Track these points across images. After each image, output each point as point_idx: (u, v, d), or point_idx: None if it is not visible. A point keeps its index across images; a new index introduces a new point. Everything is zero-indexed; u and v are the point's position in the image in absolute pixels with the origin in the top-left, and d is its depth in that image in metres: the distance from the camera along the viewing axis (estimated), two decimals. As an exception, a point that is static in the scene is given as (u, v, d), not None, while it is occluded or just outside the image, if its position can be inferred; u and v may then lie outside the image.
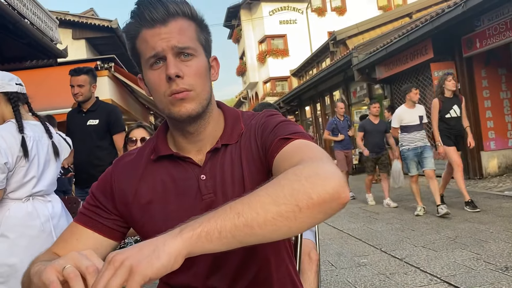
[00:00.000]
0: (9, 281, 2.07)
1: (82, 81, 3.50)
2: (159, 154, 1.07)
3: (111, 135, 3.57)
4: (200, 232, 0.69)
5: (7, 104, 2.23)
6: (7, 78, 2.26)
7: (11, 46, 6.17)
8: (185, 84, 0.96)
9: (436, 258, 3.91)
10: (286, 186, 0.73)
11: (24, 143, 2.14)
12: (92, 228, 1.05)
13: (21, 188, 2.18)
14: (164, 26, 0.96)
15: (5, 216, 2.14)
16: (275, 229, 0.71)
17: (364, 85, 13.57)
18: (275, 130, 1.01)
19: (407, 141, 6.10)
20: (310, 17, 26.47)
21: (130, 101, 10.96)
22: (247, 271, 1.05)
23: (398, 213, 6.35)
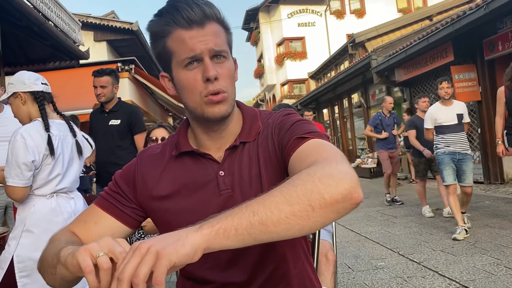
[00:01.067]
0: (33, 274, 2.13)
1: (105, 82, 3.57)
2: (180, 150, 1.10)
3: (132, 135, 3.64)
4: (218, 228, 0.72)
5: (33, 103, 2.30)
6: (33, 78, 2.33)
7: (36, 48, 6.32)
8: (221, 85, 1.00)
9: (455, 263, 3.87)
10: (299, 186, 0.76)
11: (50, 142, 2.20)
12: (110, 213, 1.09)
13: (46, 185, 2.24)
14: (201, 29, 0.98)
15: (30, 212, 2.20)
16: (288, 228, 0.74)
17: (383, 88, 13.47)
18: (291, 129, 1.04)
19: (443, 143, 5.06)
20: (329, 19, 26.38)
21: (149, 103, 11.10)
22: (264, 267, 1.07)
23: (416, 216, 6.28)
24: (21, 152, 2.12)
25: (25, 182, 2.14)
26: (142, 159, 1.15)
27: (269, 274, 1.08)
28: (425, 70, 10.03)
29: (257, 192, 0.92)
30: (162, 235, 0.73)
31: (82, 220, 1.10)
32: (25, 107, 2.30)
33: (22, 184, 2.14)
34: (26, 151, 2.12)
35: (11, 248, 2.18)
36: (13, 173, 2.12)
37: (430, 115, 5.17)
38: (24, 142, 2.13)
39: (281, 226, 0.74)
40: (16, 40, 6.14)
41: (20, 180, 2.13)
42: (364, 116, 15.47)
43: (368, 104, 14.93)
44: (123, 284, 0.66)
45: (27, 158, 2.11)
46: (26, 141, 2.13)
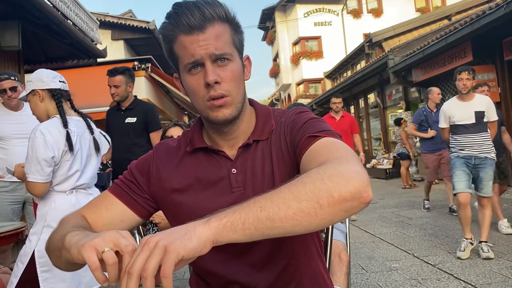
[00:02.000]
0: (54, 269, 2.16)
1: (118, 81, 3.62)
2: (194, 146, 1.12)
3: (148, 133, 3.68)
4: (225, 222, 0.74)
5: (51, 101, 2.34)
6: (51, 75, 2.37)
7: (55, 46, 6.41)
8: (222, 90, 1.00)
9: (471, 266, 3.82)
10: (308, 184, 0.76)
11: (69, 138, 2.24)
12: (122, 200, 1.11)
13: (66, 181, 2.28)
14: (201, 33, 0.98)
15: (51, 208, 2.24)
16: (296, 224, 0.75)
17: (400, 88, 13.34)
18: (303, 127, 1.04)
19: (457, 145, 4.34)
20: (346, 19, 26.21)
21: (165, 101, 11.18)
22: (275, 264, 1.08)
23: (432, 218, 6.21)
24: (40, 148, 2.15)
25: (45, 178, 2.18)
26: (159, 152, 1.17)
27: (280, 272, 1.08)
28: (443, 71, 9.90)
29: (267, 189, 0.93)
30: (170, 229, 0.74)
31: (94, 205, 1.12)
32: (43, 104, 2.34)
33: (43, 180, 2.18)
34: (45, 147, 2.16)
35: (32, 243, 2.22)
36: (33, 169, 2.16)
37: (444, 112, 4.45)
38: (43, 138, 2.16)
39: (288, 222, 0.74)
40: (36, 39, 6.24)
41: (40, 176, 2.17)
42: (380, 117, 15.34)
43: (385, 105, 14.80)
44: (132, 278, 0.68)
45: (47, 154, 2.15)
46: (46, 138, 2.17)
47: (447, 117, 4.41)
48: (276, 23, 28.44)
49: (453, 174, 4.34)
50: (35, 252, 2.19)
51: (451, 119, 4.36)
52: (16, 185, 3.41)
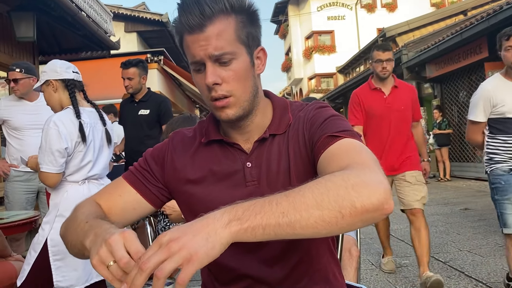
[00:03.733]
0: (66, 258, 2.20)
1: (131, 73, 3.64)
2: (209, 138, 1.10)
3: (160, 125, 3.69)
4: (247, 227, 0.73)
5: (64, 91, 2.36)
6: (65, 66, 2.40)
7: (69, 38, 6.45)
8: (223, 91, 0.98)
9: (483, 264, 3.79)
10: (331, 191, 0.75)
11: (82, 129, 2.26)
12: (136, 188, 1.11)
13: (78, 172, 2.31)
14: (201, 32, 0.95)
15: (64, 197, 2.27)
16: (315, 232, 0.74)
17: (413, 84, 13.20)
18: (323, 125, 1.01)
19: (504, 151, 2.85)
20: (359, 13, 26.00)
21: (177, 94, 11.22)
22: (288, 260, 1.07)
23: (443, 215, 6.16)
24: (54, 139, 2.18)
25: (58, 168, 2.21)
26: (174, 141, 1.16)
27: (293, 267, 1.07)
28: (457, 67, 9.79)
29: (284, 186, 0.91)
30: (189, 228, 0.73)
31: (108, 192, 1.12)
32: (56, 95, 2.36)
33: (56, 170, 2.20)
34: (59, 138, 2.18)
35: (45, 232, 2.25)
36: (46, 160, 2.18)
37: (485, 97, 2.81)
38: (57, 129, 2.19)
39: (308, 230, 0.74)
40: (50, 30, 6.29)
41: (53, 167, 2.19)
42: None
43: (397, 100, 14.66)
44: (143, 274, 0.68)
45: (60, 145, 2.18)
46: (59, 129, 2.19)
47: (489, 105, 2.81)
48: (289, 16, 28.32)
49: (502, 202, 2.87)
50: (48, 240, 2.22)
51: (495, 108, 2.80)
52: (30, 174, 3.46)
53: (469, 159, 10.40)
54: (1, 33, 5.43)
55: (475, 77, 9.71)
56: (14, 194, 3.50)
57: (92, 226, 0.89)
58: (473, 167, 10.15)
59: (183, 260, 0.68)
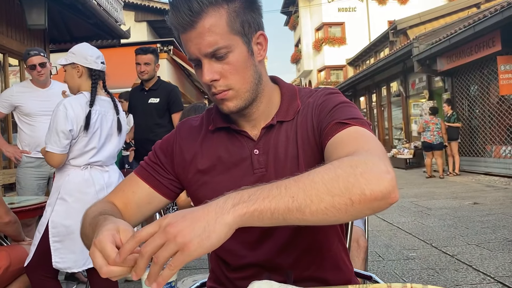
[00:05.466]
0: (65, 241, 2.25)
1: (149, 59, 3.65)
2: (216, 126, 1.10)
3: (170, 114, 3.70)
4: (253, 211, 0.71)
5: (88, 79, 2.38)
6: (95, 55, 2.40)
7: (79, 26, 6.47)
8: (222, 86, 0.98)
9: (491, 258, 3.77)
10: (341, 177, 0.74)
11: (89, 116, 2.28)
12: (149, 183, 1.11)
13: (81, 157, 2.34)
14: (193, 29, 0.94)
15: (65, 180, 2.31)
16: (324, 218, 0.74)
17: (424, 77, 13.10)
18: (332, 111, 1.00)
19: None
20: (370, 5, 25.72)
21: (186, 84, 11.23)
22: (296, 247, 1.07)
23: (452, 209, 6.14)
24: (61, 120, 2.22)
25: (62, 149, 2.25)
26: (181, 131, 1.16)
27: (300, 252, 1.07)
28: (469, 60, 9.67)
29: (292, 173, 0.89)
30: (190, 213, 0.72)
31: (121, 190, 1.12)
32: (78, 80, 2.38)
33: (59, 151, 2.24)
34: (65, 120, 2.22)
35: (47, 214, 2.30)
36: (52, 140, 2.23)
37: None
38: (65, 111, 2.23)
39: (317, 216, 0.73)
40: (61, 18, 6.31)
41: (57, 147, 2.23)
42: (402, 106, 15.12)
43: (408, 93, 14.57)
44: (143, 259, 0.69)
45: (65, 126, 2.22)
46: (67, 111, 2.23)
47: None
48: (299, 8, 28.11)
49: None
50: (49, 222, 2.27)
51: None
52: (41, 161, 3.49)
53: (478, 153, 10.31)
54: (13, 20, 5.46)
55: (487, 71, 9.60)
56: (25, 180, 3.54)
57: (92, 225, 0.92)
58: (483, 162, 10.07)
59: (178, 248, 0.68)
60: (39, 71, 3.44)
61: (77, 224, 2.25)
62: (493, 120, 9.68)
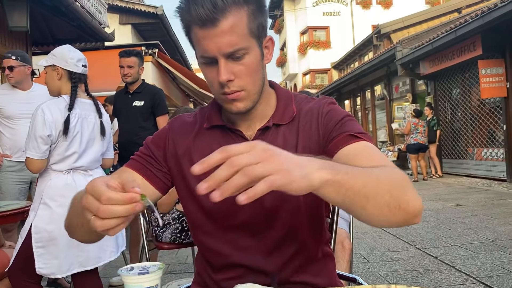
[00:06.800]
0: (49, 246, 2.22)
1: (132, 62, 3.62)
2: (211, 124, 1.10)
3: (154, 117, 3.68)
4: (338, 180, 0.72)
5: (68, 82, 2.35)
6: (76, 58, 2.37)
7: (62, 29, 6.40)
8: (235, 86, 0.97)
9: (473, 259, 3.83)
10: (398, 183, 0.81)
11: (68, 121, 2.25)
12: (142, 174, 1.08)
13: (63, 161, 2.30)
14: (214, 27, 0.91)
15: (47, 185, 2.28)
16: (373, 213, 0.78)
17: (407, 81, 13.26)
18: (342, 123, 1.03)
19: None
20: (355, 9, 26.00)
21: (171, 87, 11.17)
22: (284, 249, 1.07)
23: (435, 211, 6.21)
24: (39, 125, 2.19)
25: (41, 155, 2.21)
26: (174, 126, 1.15)
27: (289, 258, 1.07)
28: (451, 64, 9.83)
29: None
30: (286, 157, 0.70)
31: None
32: (58, 82, 2.35)
33: (38, 156, 2.21)
34: (43, 125, 2.19)
35: (30, 219, 2.27)
36: (30, 146, 2.20)
37: None
38: (43, 116, 2.20)
39: (372, 210, 0.77)
40: (44, 20, 6.23)
41: (36, 153, 2.20)
42: (386, 109, 15.27)
43: (391, 97, 14.73)
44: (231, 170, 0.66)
45: (43, 131, 2.18)
46: (45, 116, 2.20)
47: None
48: (284, 11, 28.24)
49: None
50: (32, 227, 2.23)
51: None
52: (23, 165, 3.41)
53: (461, 156, 10.47)
54: (-6, 22, 5.37)
55: (469, 75, 9.76)
56: (6, 184, 3.47)
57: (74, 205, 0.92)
58: (465, 164, 10.23)
59: (277, 172, 0.65)
60: (7, 74, 3.40)
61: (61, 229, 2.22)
62: (475, 123, 9.85)
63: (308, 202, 1.05)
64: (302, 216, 1.06)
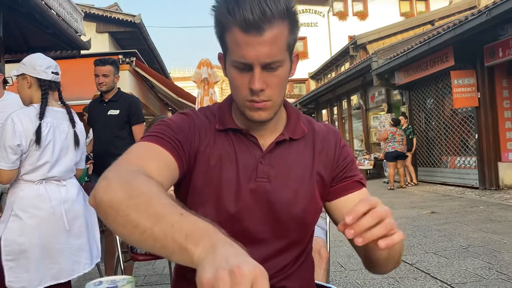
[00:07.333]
0: (19, 259, 2.16)
1: (107, 71, 3.57)
2: (226, 126, 1.08)
3: (130, 126, 3.63)
4: None
5: (37, 90, 2.31)
6: (45, 65, 2.33)
7: (37, 36, 6.30)
8: (265, 96, 0.98)
9: (447, 265, 3.89)
10: None
11: (39, 130, 2.21)
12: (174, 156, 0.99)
13: (35, 172, 2.25)
14: (258, 35, 0.91)
15: (18, 196, 2.22)
16: None
17: (383, 91, 13.49)
18: (352, 165, 1.14)
19: None
20: (331, 20, 26.37)
21: (149, 96, 11.09)
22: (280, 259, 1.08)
23: (410, 219, 6.30)
24: (8, 135, 2.14)
25: (10, 165, 2.16)
26: (195, 120, 1.09)
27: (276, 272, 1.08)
28: (425, 74, 10.06)
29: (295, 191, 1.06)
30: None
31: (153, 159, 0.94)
32: (29, 90, 2.31)
33: (7, 167, 2.15)
34: (13, 134, 2.14)
35: (0, 231, 2.19)
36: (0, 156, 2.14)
37: None
38: (13, 126, 2.15)
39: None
40: (18, 28, 6.12)
41: (5, 163, 2.15)
42: (362, 118, 15.49)
43: (367, 106, 14.95)
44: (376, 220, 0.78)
45: (13, 141, 2.14)
46: (15, 125, 2.15)
47: None
48: (262, 22, 28.39)
49: None
50: (2, 240, 2.17)
51: None
52: (-7, 175, 3.34)
53: (435, 164, 10.69)
54: (-35, 29, 5.25)
55: (442, 85, 10.01)
56: (-24, 195, 3.37)
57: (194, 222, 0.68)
58: (439, 172, 10.44)
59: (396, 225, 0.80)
60: None
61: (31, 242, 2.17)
62: (448, 132, 10.08)
63: (315, 219, 1.12)
64: (306, 232, 1.12)
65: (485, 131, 8.67)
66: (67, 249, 2.29)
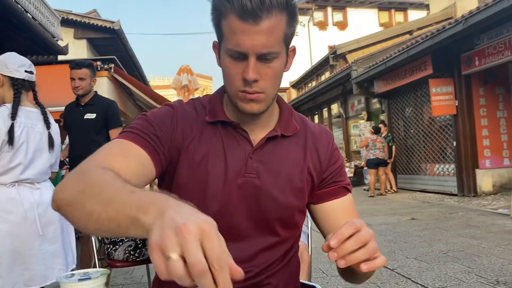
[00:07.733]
0: None
1: (83, 74, 3.48)
2: (217, 118, 1.04)
3: (107, 130, 3.54)
4: None
5: (10, 89, 2.23)
6: (17, 64, 2.26)
7: (12, 40, 6.16)
8: (258, 87, 0.96)
9: (428, 270, 3.90)
10: None
11: (12, 130, 2.12)
12: (148, 152, 0.96)
13: (7, 174, 2.16)
14: (255, 24, 0.89)
15: None
16: None
17: (362, 99, 13.63)
18: (341, 170, 1.13)
19: None
20: (312, 30, 26.64)
21: (127, 103, 10.96)
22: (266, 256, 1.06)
23: (391, 225, 6.33)
24: None
25: None
26: (179, 114, 1.04)
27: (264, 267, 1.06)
28: (403, 83, 10.19)
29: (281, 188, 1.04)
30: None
31: (121, 155, 0.91)
32: (0, 90, 2.23)
33: None
34: None
35: None
36: None
37: None
38: None
39: None
40: (-8, 31, 5.98)
41: None
42: (343, 126, 15.61)
43: (347, 115, 15.08)
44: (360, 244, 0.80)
45: None
46: None
47: None
48: (243, 31, 28.52)
49: None
50: None
51: None
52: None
53: (414, 171, 10.80)
54: None
55: (421, 93, 10.15)
56: None
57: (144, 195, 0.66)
58: (419, 179, 10.55)
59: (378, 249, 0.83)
60: None
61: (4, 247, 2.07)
62: (427, 139, 10.22)
63: (302, 218, 1.12)
64: (293, 230, 1.11)
65: (463, 139, 8.81)
66: (40, 254, 2.20)
